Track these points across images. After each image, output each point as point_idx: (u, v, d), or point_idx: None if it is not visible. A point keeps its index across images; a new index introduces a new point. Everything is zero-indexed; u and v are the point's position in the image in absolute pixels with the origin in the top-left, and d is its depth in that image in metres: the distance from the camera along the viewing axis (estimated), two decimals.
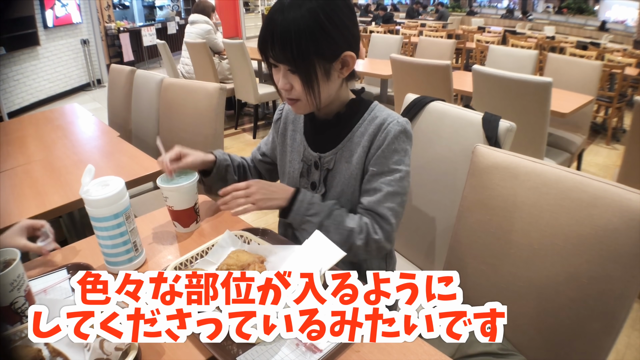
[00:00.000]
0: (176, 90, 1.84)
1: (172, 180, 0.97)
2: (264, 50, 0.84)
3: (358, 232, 0.88)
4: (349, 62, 0.87)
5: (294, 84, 0.85)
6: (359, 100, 0.96)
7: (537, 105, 2.10)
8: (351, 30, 0.85)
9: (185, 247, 0.96)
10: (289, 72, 0.84)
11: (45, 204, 1.17)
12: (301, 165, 1.00)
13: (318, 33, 0.79)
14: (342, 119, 0.95)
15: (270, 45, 0.82)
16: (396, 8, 16.38)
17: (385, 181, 0.89)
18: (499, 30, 8.17)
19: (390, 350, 0.66)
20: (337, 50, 0.84)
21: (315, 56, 0.81)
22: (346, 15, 0.84)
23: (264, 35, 0.83)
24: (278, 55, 0.82)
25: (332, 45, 0.83)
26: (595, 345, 0.77)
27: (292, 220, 0.91)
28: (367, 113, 0.94)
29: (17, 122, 2.19)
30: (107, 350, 0.59)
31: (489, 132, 1.06)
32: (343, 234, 0.88)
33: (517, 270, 0.86)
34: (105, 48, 7.40)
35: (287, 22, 0.78)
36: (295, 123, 1.04)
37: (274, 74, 0.89)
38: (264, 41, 0.83)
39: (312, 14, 0.79)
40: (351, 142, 0.93)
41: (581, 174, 0.79)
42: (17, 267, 0.71)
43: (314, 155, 0.98)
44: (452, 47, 3.76)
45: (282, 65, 0.84)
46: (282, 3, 0.80)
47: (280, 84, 0.86)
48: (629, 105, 4.05)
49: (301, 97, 0.86)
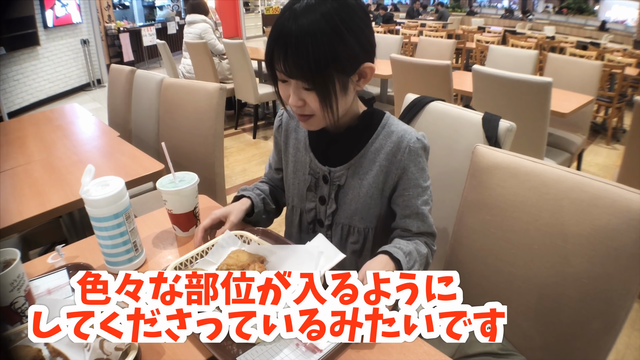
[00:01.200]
0: (176, 90, 1.84)
1: (172, 183, 0.97)
2: (274, 64, 0.75)
3: (429, 253, 0.89)
4: (367, 74, 0.80)
5: (309, 100, 0.77)
6: (371, 112, 0.90)
7: (537, 105, 2.10)
8: (368, 37, 0.78)
9: (186, 247, 0.96)
10: (302, 89, 0.76)
11: (45, 204, 1.17)
12: (308, 178, 0.94)
13: (336, 43, 0.72)
14: (354, 132, 0.89)
15: (283, 59, 0.73)
16: (397, 8, 16.38)
17: (424, 201, 0.88)
18: (499, 30, 8.17)
19: (390, 351, 0.66)
20: (355, 62, 0.77)
21: (333, 69, 0.73)
22: (362, 20, 0.76)
23: (274, 47, 0.74)
24: (292, 70, 0.73)
25: (351, 55, 0.75)
26: (595, 345, 0.77)
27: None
28: (380, 127, 0.89)
29: (17, 122, 2.19)
30: (107, 350, 0.59)
31: (489, 132, 1.06)
32: (424, 263, 0.86)
33: (517, 270, 0.86)
34: (105, 48, 7.41)
35: (302, 30, 0.70)
36: (297, 131, 0.98)
37: (280, 88, 0.81)
38: (274, 53, 0.74)
39: (328, 19, 0.71)
40: (364, 158, 0.88)
41: (581, 174, 0.79)
42: (17, 267, 0.71)
43: (322, 169, 0.92)
44: (452, 47, 3.76)
45: (294, 81, 0.76)
46: (294, 10, 0.72)
47: (292, 100, 0.78)
48: (629, 105, 4.05)
49: (316, 113, 0.79)
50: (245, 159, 3.70)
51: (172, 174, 0.98)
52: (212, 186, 1.69)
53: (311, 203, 0.96)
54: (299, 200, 0.99)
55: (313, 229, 0.98)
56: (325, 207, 0.94)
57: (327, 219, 0.94)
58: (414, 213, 0.88)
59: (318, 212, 0.95)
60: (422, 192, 0.88)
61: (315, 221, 0.97)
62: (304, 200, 0.97)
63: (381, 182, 0.88)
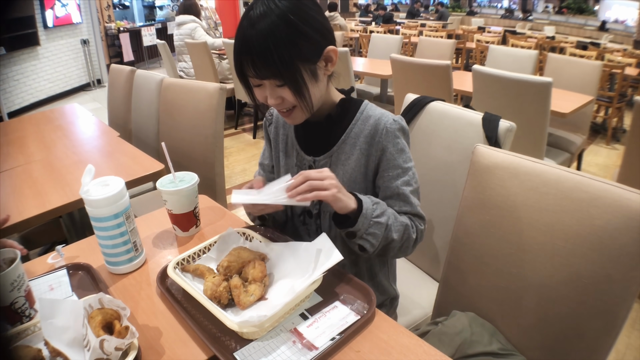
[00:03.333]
0: (176, 90, 1.84)
1: (172, 183, 0.97)
2: (244, 71, 0.81)
3: (411, 226, 0.87)
4: (332, 57, 0.84)
5: (285, 95, 0.82)
6: (349, 100, 0.94)
7: (537, 105, 2.10)
8: (323, 23, 0.83)
9: (185, 247, 0.96)
10: (275, 87, 0.81)
11: (45, 204, 1.17)
12: (295, 170, 0.97)
13: (295, 37, 0.77)
14: (334, 120, 0.93)
15: (251, 64, 0.78)
16: (397, 8, 16.38)
17: (405, 181, 0.88)
18: (499, 30, 8.17)
19: (390, 351, 0.66)
20: (317, 49, 0.82)
21: (299, 61, 0.78)
22: (314, 10, 0.81)
23: (240, 56, 0.79)
24: (261, 71, 0.78)
25: (311, 44, 0.80)
26: (595, 345, 0.77)
27: (359, 226, 0.80)
28: (359, 113, 0.92)
29: (17, 122, 2.19)
30: (107, 350, 0.59)
31: (489, 132, 1.06)
32: (400, 230, 0.84)
33: (517, 270, 0.86)
34: (105, 48, 7.41)
35: (261, 34, 0.75)
36: (285, 126, 1.01)
37: (256, 93, 0.85)
38: (242, 62, 0.79)
39: (284, 19, 0.76)
40: (345, 144, 0.91)
41: (581, 174, 0.79)
42: (17, 267, 0.71)
43: (307, 160, 0.95)
44: (452, 47, 3.76)
45: (267, 82, 0.81)
46: (250, 17, 0.77)
47: (271, 100, 0.83)
48: (629, 105, 4.05)
49: (295, 104, 0.83)
50: (245, 159, 3.70)
51: (172, 174, 0.98)
52: (212, 186, 1.69)
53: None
54: None
55: (303, 221, 0.99)
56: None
57: (314, 208, 0.95)
58: (395, 194, 0.89)
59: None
60: (402, 173, 0.88)
61: (305, 213, 0.98)
62: None
63: (363, 166, 0.91)
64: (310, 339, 0.67)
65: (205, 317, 0.72)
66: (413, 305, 1.16)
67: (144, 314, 0.76)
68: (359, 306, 0.74)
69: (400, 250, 0.88)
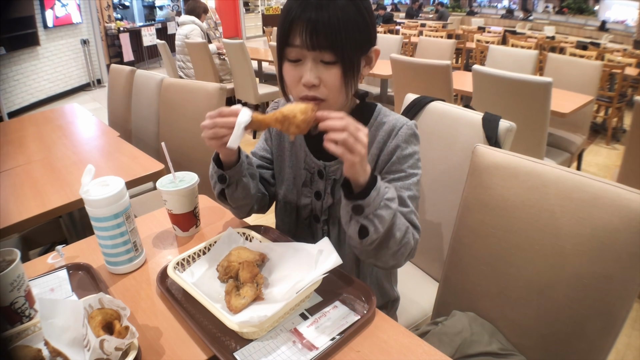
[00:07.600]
0: (176, 90, 1.84)
1: (172, 183, 0.97)
2: (290, 38, 0.73)
3: (412, 230, 0.79)
4: (372, 59, 0.82)
5: (326, 77, 0.75)
6: (363, 105, 0.91)
7: (537, 105, 2.10)
8: (375, 23, 0.81)
9: (185, 247, 0.96)
10: (321, 65, 0.74)
11: (45, 204, 1.17)
12: (303, 173, 0.94)
13: (360, 22, 0.74)
14: None
15: (310, 29, 0.70)
16: (397, 8, 16.37)
17: (405, 186, 0.84)
18: (499, 30, 8.16)
19: (390, 351, 0.66)
20: (368, 44, 0.79)
21: (359, 44, 0.75)
22: (371, 7, 0.80)
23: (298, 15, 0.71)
24: (319, 38, 0.71)
25: (368, 37, 0.78)
26: (595, 345, 0.77)
27: (370, 200, 0.69)
28: (372, 118, 0.89)
29: (17, 122, 2.19)
30: (107, 350, 0.59)
31: (489, 132, 1.05)
32: (402, 230, 0.76)
33: (517, 270, 0.86)
34: (105, 48, 7.41)
35: (330, 4, 0.71)
36: None
37: (289, 71, 0.78)
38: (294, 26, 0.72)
39: (353, 2, 0.73)
40: None
41: (581, 174, 0.79)
42: (17, 267, 0.71)
43: (317, 164, 0.92)
44: (452, 47, 3.76)
45: (313, 56, 0.73)
46: None
47: (308, 77, 0.74)
48: (629, 105, 4.05)
49: (329, 96, 0.77)
50: None
51: (172, 174, 0.98)
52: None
53: (306, 199, 0.95)
54: (293, 195, 0.97)
55: (309, 224, 0.97)
56: (322, 202, 0.93)
57: (324, 213, 0.94)
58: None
59: (314, 207, 0.95)
60: (404, 177, 0.84)
61: (311, 217, 0.96)
62: (300, 196, 0.96)
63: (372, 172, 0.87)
64: (310, 339, 0.67)
65: (205, 317, 0.71)
66: (413, 305, 1.16)
67: (144, 314, 0.76)
68: (359, 306, 0.74)
69: (394, 256, 0.77)
